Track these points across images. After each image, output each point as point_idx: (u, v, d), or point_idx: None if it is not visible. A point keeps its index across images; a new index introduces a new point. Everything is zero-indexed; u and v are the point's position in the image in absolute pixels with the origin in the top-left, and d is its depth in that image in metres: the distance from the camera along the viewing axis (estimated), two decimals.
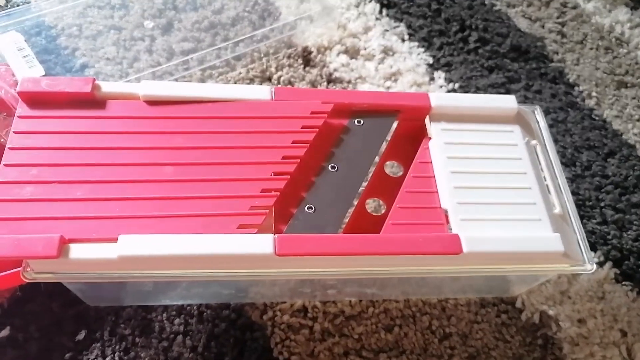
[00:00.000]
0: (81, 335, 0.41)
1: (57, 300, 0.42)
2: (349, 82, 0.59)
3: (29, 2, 0.61)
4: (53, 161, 0.35)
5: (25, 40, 0.55)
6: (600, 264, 0.50)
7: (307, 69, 0.60)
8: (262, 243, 0.32)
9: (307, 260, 0.34)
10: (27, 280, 0.32)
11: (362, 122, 0.40)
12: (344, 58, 0.61)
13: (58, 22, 0.59)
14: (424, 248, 0.34)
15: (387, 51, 0.63)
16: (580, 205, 0.53)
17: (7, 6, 0.61)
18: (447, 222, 0.37)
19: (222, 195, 0.35)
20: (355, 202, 0.40)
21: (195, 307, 0.43)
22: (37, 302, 0.42)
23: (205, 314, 0.43)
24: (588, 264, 0.37)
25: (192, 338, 0.42)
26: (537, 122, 0.43)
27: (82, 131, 0.36)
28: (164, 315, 0.42)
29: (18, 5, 0.60)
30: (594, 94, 0.63)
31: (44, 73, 0.53)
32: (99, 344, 0.41)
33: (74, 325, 0.41)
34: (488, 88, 0.61)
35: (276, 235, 0.33)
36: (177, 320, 0.42)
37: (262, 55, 0.60)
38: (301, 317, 0.44)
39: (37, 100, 0.37)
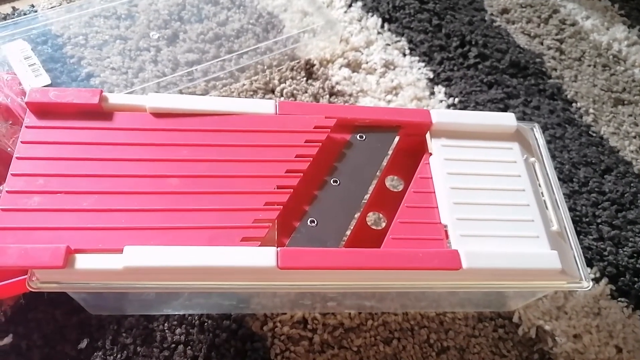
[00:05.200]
0: (83, 344, 0.41)
1: (60, 308, 0.42)
2: (350, 95, 0.60)
3: (35, 11, 0.62)
4: (60, 171, 0.35)
5: (31, 49, 0.56)
6: (597, 280, 0.51)
7: (309, 81, 0.60)
8: (265, 256, 0.33)
9: (308, 273, 0.34)
10: (33, 290, 0.33)
11: (364, 137, 0.41)
12: (346, 71, 0.62)
13: (64, 31, 0.60)
14: (423, 263, 0.35)
15: (388, 65, 0.64)
16: (577, 222, 0.54)
17: (14, 15, 0.62)
18: (447, 237, 0.37)
19: (226, 208, 0.35)
20: (357, 216, 0.41)
21: (196, 317, 0.44)
22: (40, 310, 0.42)
23: (206, 324, 0.43)
24: (585, 281, 0.38)
25: (193, 348, 0.42)
26: (536, 139, 0.44)
27: (89, 142, 0.37)
28: (166, 324, 0.43)
29: (25, 14, 0.61)
30: (591, 110, 0.64)
31: (49, 82, 0.54)
32: (100, 353, 0.41)
33: (76, 333, 0.42)
34: (487, 103, 0.62)
35: (279, 249, 0.33)
36: (178, 330, 0.43)
37: (265, 67, 0.60)
38: (301, 329, 0.44)
39: (44, 110, 0.37)
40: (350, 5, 0.69)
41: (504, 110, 0.62)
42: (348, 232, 0.39)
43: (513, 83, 0.65)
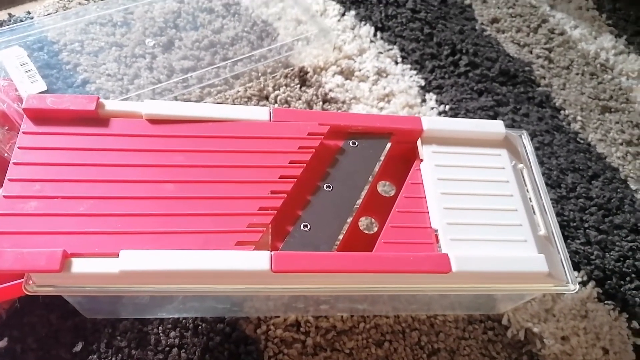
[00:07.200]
0: (78, 347, 0.41)
1: (55, 312, 0.43)
2: (343, 102, 0.61)
3: (32, 18, 0.62)
4: (56, 177, 0.36)
5: (27, 55, 0.57)
6: (584, 284, 0.52)
7: (303, 88, 0.61)
8: (259, 260, 0.34)
9: (301, 276, 0.35)
10: (29, 293, 0.33)
11: (356, 143, 0.42)
12: (339, 79, 0.63)
13: (60, 38, 0.60)
14: (414, 267, 0.35)
15: (380, 73, 0.65)
16: (564, 226, 0.55)
17: (10, 21, 0.62)
18: (437, 241, 0.38)
19: (221, 212, 0.36)
20: (349, 221, 0.42)
21: (190, 321, 0.44)
22: (35, 314, 0.42)
23: (200, 327, 0.44)
24: (571, 284, 0.38)
25: (187, 351, 0.43)
26: (524, 146, 0.45)
27: (85, 148, 0.37)
28: (160, 328, 0.43)
29: (21, 21, 0.62)
30: (579, 118, 0.66)
31: (45, 88, 0.54)
32: (95, 356, 0.41)
33: (71, 337, 0.42)
34: (477, 110, 0.63)
35: (272, 253, 0.34)
36: (172, 333, 0.43)
37: (259, 74, 0.61)
38: (294, 332, 0.45)
39: (41, 116, 0.38)
40: (343, 14, 0.70)
41: (494, 117, 0.63)
42: (341, 237, 0.40)
43: (503, 91, 0.66)
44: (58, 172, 0.36)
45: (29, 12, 0.64)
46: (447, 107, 0.63)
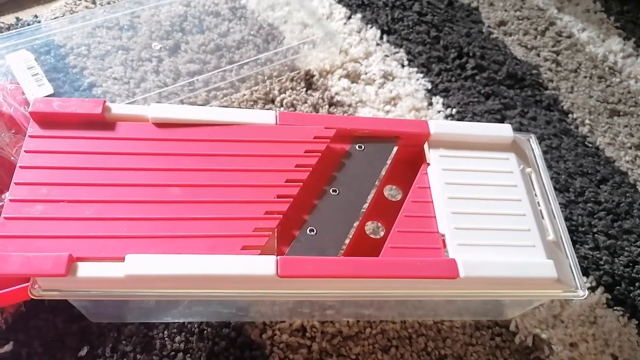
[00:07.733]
0: (83, 351, 0.41)
1: (60, 316, 0.42)
2: (349, 105, 0.61)
3: (39, 22, 0.63)
4: (63, 180, 0.36)
5: (35, 59, 0.57)
6: (592, 289, 0.51)
7: (309, 92, 0.61)
8: (265, 264, 0.33)
9: (307, 281, 0.35)
10: (35, 297, 0.33)
11: (363, 147, 0.42)
12: (345, 82, 0.63)
13: (67, 42, 0.60)
14: (421, 272, 0.35)
15: (387, 76, 0.65)
16: (573, 231, 0.54)
17: (17, 25, 0.62)
18: (444, 246, 0.38)
19: (227, 216, 0.36)
20: (356, 225, 0.41)
21: (196, 325, 0.44)
22: (40, 317, 0.42)
23: (205, 332, 0.44)
24: (580, 290, 0.38)
25: (192, 356, 0.42)
26: (532, 150, 0.45)
27: (91, 152, 0.37)
28: (165, 332, 0.43)
29: (28, 25, 0.62)
30: (587, 121, 0.65)
31: (52, 91, 0.54)
32: None
33: (76, 341, 0.42)
34: (484, 114, 0.63)
35: (278, 257, 0.34)
36: (178, 338, 0.43)
37: (265, 78, 0.61)
38: (300, 337, 0.45)
39: (48, 120, 0.38)
40: (349, 17, 0.70)
41: (501, 120, 0.63)
42: (347, 241, 0.40)
43: (510, 94, 0.66)
44: (64, 176, 0.36)
45: (36, 16, 0.64)
46: (454, 110, 0.63)
